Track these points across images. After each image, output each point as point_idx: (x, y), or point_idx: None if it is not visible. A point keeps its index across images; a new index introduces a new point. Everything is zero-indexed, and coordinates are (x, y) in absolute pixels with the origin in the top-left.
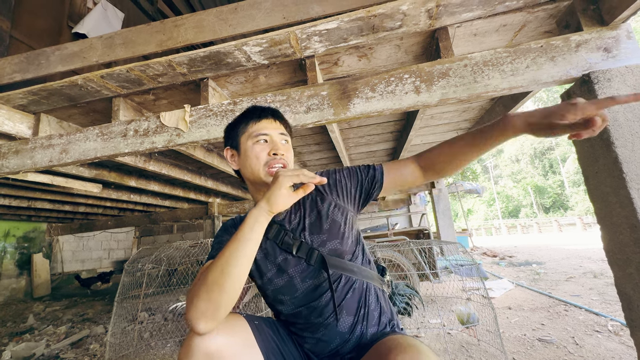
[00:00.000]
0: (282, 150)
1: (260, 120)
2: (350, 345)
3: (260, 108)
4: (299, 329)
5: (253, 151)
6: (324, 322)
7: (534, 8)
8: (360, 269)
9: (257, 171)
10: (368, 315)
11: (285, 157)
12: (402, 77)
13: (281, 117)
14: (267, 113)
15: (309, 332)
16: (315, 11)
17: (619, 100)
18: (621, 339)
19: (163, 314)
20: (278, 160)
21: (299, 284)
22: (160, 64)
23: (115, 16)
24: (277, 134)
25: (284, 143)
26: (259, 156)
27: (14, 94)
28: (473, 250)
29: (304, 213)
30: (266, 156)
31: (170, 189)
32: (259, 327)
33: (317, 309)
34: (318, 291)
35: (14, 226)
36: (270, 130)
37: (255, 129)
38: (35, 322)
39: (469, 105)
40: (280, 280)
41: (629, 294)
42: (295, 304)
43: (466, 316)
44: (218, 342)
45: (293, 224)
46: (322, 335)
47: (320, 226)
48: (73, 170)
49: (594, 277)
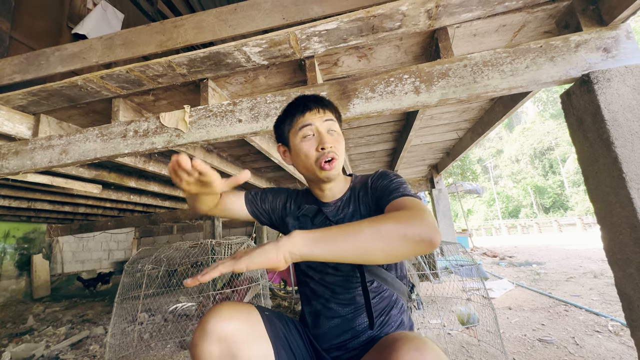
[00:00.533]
0: (330, 142)
1: (304, 114)
2: (359, 342)
3: (303, 99)
4: (315, 310)
5: (302, 149)
6: (341, 312)
7: (534, 8)
8: (394, 280)
9: (311, 170)
10: (385, 324)
11: (335, 149)
12: (401, 77)
13: (327, 104)
14: (310, 104)
15: (325, 317)
16: (315, 12)
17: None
18: (621, 339)
19: (163, 315)
20: (327, 154)
21: (331, 270)
22: (160, 64)
23: (115, 17)
24: (323, 123)
25: (332, 133)
26: (308, 154)
27: (14, 95)
28: (473, 251)
29: (351, 211)
30: (315, 152)
31: (170, 190)
32: (269, 318)
33: (340, 298)
34: (348, 283)
35: (14, 227)
36: (316, 122)
37: (300, 124)
38: (35, 323)
39: (468, 106)
40: (315, 262)
41: (629, 294)
42: (322, 284)
43: (466, 316)
44: (232, 327)
45: (339, 217)
46: (335, 324)
47: None
48: (73, 171)
49: (594, 277)
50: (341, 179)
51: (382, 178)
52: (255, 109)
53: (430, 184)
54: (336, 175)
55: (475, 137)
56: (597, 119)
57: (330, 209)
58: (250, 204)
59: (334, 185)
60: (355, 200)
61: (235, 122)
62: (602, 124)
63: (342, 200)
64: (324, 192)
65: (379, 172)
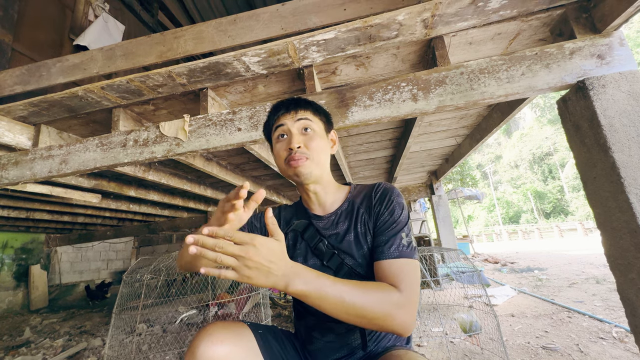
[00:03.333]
0: (298, 142)
1: (279, 116)
2: (356, 358)
3: (280, 102)
4: (308, 326)
5: (276, 149)
6: (335, 328)
7: (528, 17)
8: None
9: (283, 170)
10: (382, 338)
11: (305, 148)
12: (399, 85)
13: (303, 104)
14: (285, 106)
15: (319, 332)
16: (313, 22)
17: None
18: (626, 346)
19: (162, 326)
20: (293, 156)
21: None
22: (160, 74)
23: (116, 28)
24: (295, 123)
25: (304, 132)
26: (280, 154)
27: (15, 106)
28: (474, 257)
29: (346, 227)
30: (284, 153)
31: (170, 199)
32: (263, 336)
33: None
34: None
35: (12, 237)
36: (288, 122)
37: (275, 125)
38: (32, 335)
39: (466, 112)
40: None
41: (632, 300)
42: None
43: (469, 324)
44: (223, 351)
45: (331, 234)
46: (330, 340)
47: (358, 247)
48: (72, 181)
49: (596, 283)
50: (332, 186)
51: (386, 208)
52: (255, 118)
53: (430, 190)
54: (308, 174)
55: (473, 143)
56: (593, 124)
57: (323, 223)
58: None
59: (320, 189)
60: (353, 217)
61: (234, 130)
62: (598, 130)
63: (337, 214)
64: (311, 199)
65: (382, 189)
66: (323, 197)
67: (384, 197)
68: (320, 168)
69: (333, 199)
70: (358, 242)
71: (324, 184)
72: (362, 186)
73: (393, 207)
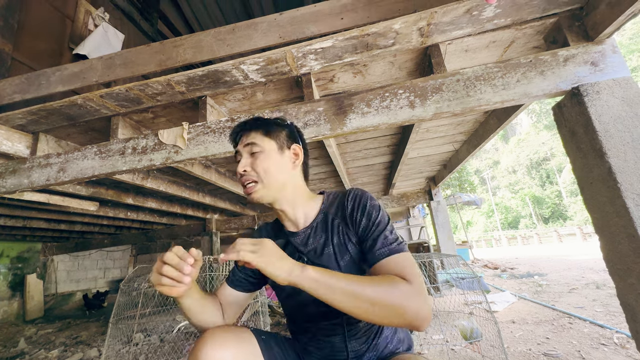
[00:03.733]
0: (243, 166)
1: (236, 142)
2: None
3: (233, 129)
4: (305, 342)
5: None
6: (331, 342)
7: (522, 25)
8: None
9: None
10: (378, 346)
11: (252, 170)
12: (396, 92)
13: (249, 127)
14: (235, 133)
15: (315, 347)
16: (311, 31)
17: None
18: (628, 352)
19: (159, 335)
20: (242, 180)
21: (312, 306)
22: (159, 83)
23: (115, 37)
24: (244, 149)
25: (252, 155)
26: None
27: (13, 114)
28: (474, 263)
29: (324, 240)
30: (239, 176)
31: (168, 206)
32: (265, 342)
33: (326, 330)
34: (329, 315)
35: (8, 246)
36: (240, 148)
37: (235, 152)
38: (27, 346)
39: (463, 119)
40: (293, 300)
41: (632, 305)
42: (305, 320)
43: (469, 331)
44: (226, 354)
45: (309, 249)
46: (328, 353)
47: (337, 259)
48: (70, 189)
49: (596, 288)
50: (302, 199)
51: (361, 213)
52: None
53: (429, 196)
54: (259, 197)
55: (471, 149)
56: (588, 130)
57: (299, 238)
58: (235, 284)
59: (288, 207)
60: (328, 229)
61: None
62: (594, 135)
63: (312, 227)
64: (281, 216)
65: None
66: (292, 213)
67: (358, 205)
68: (275, 188)
69: (305, 213)
70: (340, 251)
71: (289, 201)
72: (335, 194)
73: (369, 212)
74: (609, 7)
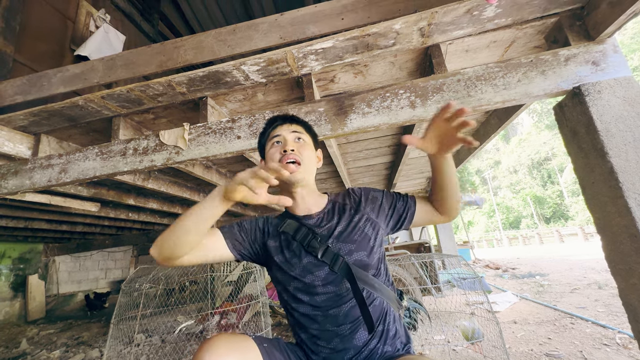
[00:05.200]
0: (292, 146)
1: (275, 127)
2: (362, 357)
3: (276, 116)
4: (312, 335)
5: (270, 153)
6: (339, 331)
7: (522, 25)
8: (382, 287)
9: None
10: (384, 334)
11: (298, 153)
12: (397, 92)
13: (297, 120)
14: (281, 119)
15: (324, 340)
16: (312, 31)
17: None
18: (630, 352)
19: (160, 336)
20: (288, 156)
21: (320, 288)
22: (160, 84)
23: (116, 39)
24: (290, 134)
25: (297, 141)
26: (273, 157)
27: (15, 116)
28: (475, 263)
29: (336, 221)
30: (278, 155)
31: (169, 207)
32: (268, 350)
33: (334, 317)
34: (339, 300)
35: (10, 247)
36: (283, 132)
37: (272, 135)
38: (29, 347)
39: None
40: (303, 281)
41: (634, 305)
42: (313, 306)
43: (471, 331)
44: None
45: (323, 229)
46: (336, 345)
47: (350, 236)
48: (71, 190)
49: (598, 288)
50: (316, 193)
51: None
52: (254, 126)
53: None
54: (300, 178)
55: (472, 149)
56: (590, 129)
57: (313, 221)
58: (230, 238)
59: (306, 193)
60: (340, 211)
61: (234, 138)
62: (595, 135)
63: (324, 212)
64: (297, 201)
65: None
66: (308, 200)
67: (367, 194)
68: (309, 174)
69: (316, 203)
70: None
71: (310, 190)
72: (337, 193)
73: (375, 195)
74: (610, 6)
